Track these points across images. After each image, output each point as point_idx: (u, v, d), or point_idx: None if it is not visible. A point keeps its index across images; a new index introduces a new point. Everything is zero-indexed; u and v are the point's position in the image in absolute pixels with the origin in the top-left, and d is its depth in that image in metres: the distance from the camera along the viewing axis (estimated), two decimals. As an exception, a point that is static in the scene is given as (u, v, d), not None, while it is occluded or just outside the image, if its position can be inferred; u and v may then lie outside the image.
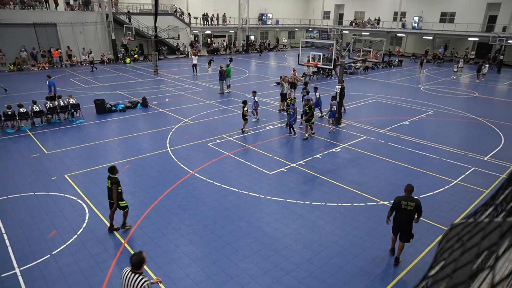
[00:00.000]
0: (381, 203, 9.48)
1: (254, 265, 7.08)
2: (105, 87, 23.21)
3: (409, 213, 6.72)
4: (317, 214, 8.89)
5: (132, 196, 9.66)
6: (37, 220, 8.49)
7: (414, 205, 6.66)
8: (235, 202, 9.41)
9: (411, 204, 6.67)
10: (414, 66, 35.28)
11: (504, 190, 0.74)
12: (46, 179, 10.58)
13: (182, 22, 39.64)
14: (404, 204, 6.71)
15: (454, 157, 12.64)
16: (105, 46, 34.27)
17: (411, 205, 6.67)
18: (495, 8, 38.29)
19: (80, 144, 13.37)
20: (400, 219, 6.86)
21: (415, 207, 6.67)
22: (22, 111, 14.78)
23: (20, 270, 6.87)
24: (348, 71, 29.92)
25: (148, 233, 8.09)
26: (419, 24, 43.20)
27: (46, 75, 19.72)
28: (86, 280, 6.64)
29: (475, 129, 16.00)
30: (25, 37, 29.45)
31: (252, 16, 46.75)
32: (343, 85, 15.52)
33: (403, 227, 6.90)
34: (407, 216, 6.76)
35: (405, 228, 6.90)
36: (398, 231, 7.03)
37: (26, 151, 12.59)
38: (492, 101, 21.88)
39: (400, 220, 6.87)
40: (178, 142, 13.68)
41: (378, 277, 6.83)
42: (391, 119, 17.17)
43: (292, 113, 14.03)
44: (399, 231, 7.01)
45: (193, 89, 23.36)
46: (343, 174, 11.16)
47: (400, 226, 6.91)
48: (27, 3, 29.86)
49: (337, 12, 53.83)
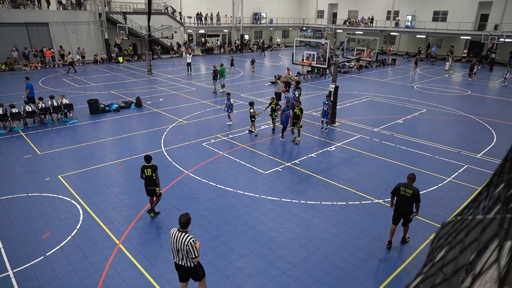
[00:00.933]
0: (375, 201, 9.54)
1: (249, 264, 7.09)
2: (99, 87, 23.05)
3: (407, 199, 7.10)
4: (312, 213, 8.93)
5: (126, 197, 9.62)
6: (30, 221, 8.42)
7: (412, 192, 7.03)
8: (230, 202, 9.41)
9: (409, 191, 7.05)
10: (408, 65, 35.50)
11: (488, 188, 0.76)
12: (39, 180, 10.50)
13: (176, 22, 39.49)
14: (403, 190, 7.12)
15: (448, 155, 12.75)
16: (98, 45, 34.03)
17: (409, 192, 7.05)
18: (486, 7, 38.66)
19: (74, 145, 13.27)
20: (399, 205, 7.26)
21: (412, 195, 7.03)
22: (14, 111, 14.63)
23: (13, 272, 6.81)
24: (342, 70, 30.03)
25: (143, 233, 8.06)
26: (412, 23, 43.48)
27: (25, 76, 17.50)
28: (80, 281, 6.60)
29: (468, 127, 16.15)
30: (16, 37, 29.15)
31: (246, 15, 46.71)
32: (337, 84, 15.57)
33: (403, 214, 7.29)
34: (404, 202, 7.15)
35: (404, 214, 7.29)
36: (398, 220, 7.39)
37: (18, 152, 12.47)
38: (485, 99, 22.10)
39: (399, 207, 7.27)
40: (173, 142, 13.64)
41: (373, 274, 6.88)
42: (385, 117, 17.27)
43: (286, 115, 13.53)
44: (399, 219, 7.38)
45: (187, 88, 23.29)
46: (337, 173, 11.20)
47: (400, 214, 7.30)
48: (19, 2, 29.54)
49: (331, 11, 53.99)
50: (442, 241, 0.84)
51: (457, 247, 0.59)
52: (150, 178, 8.26)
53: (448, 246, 0.67)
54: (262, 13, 50.20)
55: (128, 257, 7.26)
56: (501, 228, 0.51)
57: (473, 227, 0.59)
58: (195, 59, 38.39)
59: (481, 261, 0.55)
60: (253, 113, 14.33)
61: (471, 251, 0.56)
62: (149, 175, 8.24)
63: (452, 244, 0.64)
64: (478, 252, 0.55)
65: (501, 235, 0.51)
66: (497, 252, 0.50)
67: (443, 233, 0.89)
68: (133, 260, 7.17)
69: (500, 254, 0.50)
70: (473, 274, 0.54)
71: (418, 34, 41.74)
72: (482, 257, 0.55)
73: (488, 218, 0.57)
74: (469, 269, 0.55)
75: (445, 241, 0.79)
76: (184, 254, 5.37)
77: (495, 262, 0.50)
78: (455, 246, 0.61)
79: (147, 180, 8.32)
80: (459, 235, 0.65)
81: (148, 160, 8.30)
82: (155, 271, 6.87)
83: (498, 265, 0.49)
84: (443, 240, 0.85)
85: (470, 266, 0.56)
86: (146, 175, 8.26)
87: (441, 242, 0.85)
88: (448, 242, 0.71)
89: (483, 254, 0.55)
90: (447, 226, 0.91)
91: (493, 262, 0.50)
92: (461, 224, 0.71)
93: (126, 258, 7.23)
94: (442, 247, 0.78)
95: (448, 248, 0.65)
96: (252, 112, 14.31)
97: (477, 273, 0.54)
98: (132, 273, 6.82)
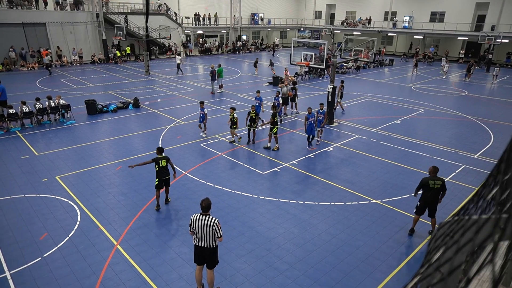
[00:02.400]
0: (373, 201, 9.55)
1: (247, 265, 7.08)
2: (96, 88, 23.00)
3: (436, 191, 7.51)
4: (310, 214, 8.93)
5: (124, 197, 9.60)
6: (27, 223, 8.39)
7: (441, 183, 7.49)
8: (228, 202, 9.41)
9: (438, 182, 7.48)
10: (405, 66, 35.60)
11: (483, 188, 0.77)
12: (36, 181, 10.46)
13: (174, 22, 39.45)
14: (432, 183, 7.49)
15: (445, 155, 12.79)
16: (96, 46, 33.96)
17: (438, 183, 7.48)
18: (483, 8, 38.84)
19: (71, 145, 13.23)
20: (426, 198, 7.62)
21: (441, 185, 7.49)
22: (12, 112, 14.58)
23: (10, 273, 6.78)
24: (340, 71, 30.09)
25: (141, 234, 8.05)
26: (410, 24, 43.62)
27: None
28: (78, 282, 6.58)
29: (465, 127, 16.21)
30: (13, 37, 29.04)
31: (244, 15, 46.73)
32: (334, 85, 15.59)
33: (430, 205, 7.67)
34: (434, 194, 7.54)
35: (432, 205, 7.67)
36: (424, 210, 7.78)
37: (16, 153, 12.43)
38: (482, 99, 22.18)
39: (426, 200, 7.64)
40: (171, 142, 13.63)
41: (371, 275, 6.89)
42: (383, 118, 17.31)
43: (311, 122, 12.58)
44: (425, 210, 7.77)
45: (185, 89, 23.28)
46: (335, 173, 11.22)
47: (427, 205, 7.69)
48: (15, 2, 29.44)
49: (329, 12, 54.09)
50: (439, 242, 0.85)
51: (453, 248, 0.59)
52: (165, 168, 8.63)
53: (445, 246, 0.67)
54: (260, 13, 50.24)
55: (126, 258, 7.25)
56: (497, 228, 0.52)
57: (469, 227, 0.60)
58: (193, 59, 38.37)
59: (477, 261, 0.55)
60: (235, 119, 13.03)
61: (467, 251, 0.57)
62: (165, 166, 8.59)
63: (449, 245, 0.65)
64: (473, 252, 0.56)
65: (496, 235, 0.51)
66: (492, 252, 0.51)
67: (440, 234, 0.89)
68: (131, 261, 7.15)
69: (495, 254, 0.50)
70: (469, 274, 0.54)
71: (415, 34, 41.87)
72: (477, 257, 0.55)
73: (483, 218, 0.57)
74: (465, 269, 0.56)
75: (442, 242, 0.80)
76: (209, 234, 5.74)
77: (490, 262, 0.50)
78: (451, 247, 0.61)
79: (161, 171, 8.62)
80: (455, 235, 0.65)
81: (160, 151, 8.68)
82: (153, 272, 6.86)
83: (493, 265, 0.50)
84: (440, 240, 0.85)
85: (466, 266, 0.56)
86: (161, 166, 8.56)
87: (438, 242, 0.86)
88: (445, 243, 0.71)
89: (479, 254, 0.55)
90: (444, 226, 0.91)
91: (488, 262, 0.51)
92: (457, 224, 0.72)
93: (124, 259, 7.21)
94: (439, 247, 0.78)
95: (445, 248, 0.66)
96: (233, 117, 12.98)
97: (473, 273, 0.54)
98: (130, 274, 6.81)
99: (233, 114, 13.06)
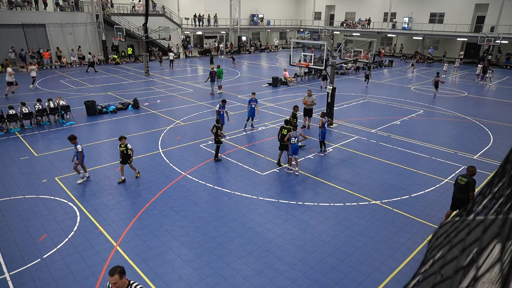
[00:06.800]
0: (373, 202, 9.55)
1: (247, 266, 7.07)
2: (96, 89, 22.99)
3: (462, 187, 7.81)
4: (310, 214, 8.92)
5: (123, 198, 9.58)
6: (27, 224, 8.37)
7: (466, 180, 7.76)
8: (228, 203, 9.39)
9: (464, 179, 7.81)
10: (405, 67, 35.63)
11: (487, 188, 0.76)
12: (36, 182, 10.44)
13: (173, 23, 39.44)
14: (460, 179, 7.91)
15: (445, 156, 12.79)
16: (95, 47, 33.95)
17: (464, 181, 7.80)
18: (483, 9, 38.91)
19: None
20: (455, 193, 8.00)
21: (466, 182, 7.75)
22: (11, 113, 14.56)
23: (10, 274, 6.76)
24: (339, 72, 30.12)
25: (140, 235, 8.03)
26: (409, 25, 43.68)
27: None
28: (77, 283, 6.56)
29: (465, 128, 16.21)
30: (13, 38, 29.04)
31: (244, 16, 46.75)
32: (335, 85, 15.59)
33: (458, 202, 7.92)
34: (459, 190, 7.85)
35: (460, 203, 7.87)
36: (455, 207, 8.04)
37: (15, 154, 12.40)
38: (481, 100, 22.21)
39: (453, 194, 8.04)
40: (170, 143, 13.61)
41: (370, 276, 6.88)
42: (382, 119, 17.31)
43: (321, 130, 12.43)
44: (455, 207, 8.03)
45: (184, 90, 23.27)
46: (335, 174, 11.21)
47: (456, 201, 7.99)
48: (15, 3, 29.44)
49: (328, 13, 54.16)
50: (440, 240, 0.84)
51: (458, 246, 0.59)
52: (125, 154, 10.30)
53: (449, 245, 0.66)
54: (259, 14, 50.28)
55: (125, 259, 7.23)
56: (504, 228, 0.51)
57: (475, 227, 0.59)
58: (193, 60, 38.37)
59: (483, 261, 0.54)
60: (220, 134, 11.59)
61: (472, 251, 0.56)
62: (126, 152, 10.25)
63: (453, 243, 0.64)
64: (479, 252, 0.55)
65: (503, 235, 0.51)
66: (500, 252, 0.50)
67: (441, 232, 0.88)
68: (131, 262, 7.14)
69: (503, 253, 0.49)
70: (474, 274, 0.54)
71: (415, 35, 41.92)
72: (483, 257, 0.55)
73: (490, 218, 0.57)
74: (470, 269, 0.55)
75: (444, 240, 0.79)
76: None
77: (497, 262, 0.50)
78: (456, 245, 0.60)
79: (123, 156, 10.28)
80: (459, 234, 0.65)
81: (122, 139, 10.22)
82: (152, 273, 6.84)
83: (501, 264, 0.49)
84: (441, 238, 0.84)
85: (471, 266, 0.55)
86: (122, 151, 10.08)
87: (439, 240, 0.85)
88: (448, 241, 0.70)
89: (485, 254, 0.54)
90: (445, 225, 0.91)
91: (495, 261, 0.50)
92: (461, 223, 0.71)
93: (124, 260, 7.19)
94: (441, 246, 0.78)
95: (449, 247, 0.65)
96: (217, 132, 11.42)
97: (478, 273, 0.53)
98: (129, 275, 6.78)
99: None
